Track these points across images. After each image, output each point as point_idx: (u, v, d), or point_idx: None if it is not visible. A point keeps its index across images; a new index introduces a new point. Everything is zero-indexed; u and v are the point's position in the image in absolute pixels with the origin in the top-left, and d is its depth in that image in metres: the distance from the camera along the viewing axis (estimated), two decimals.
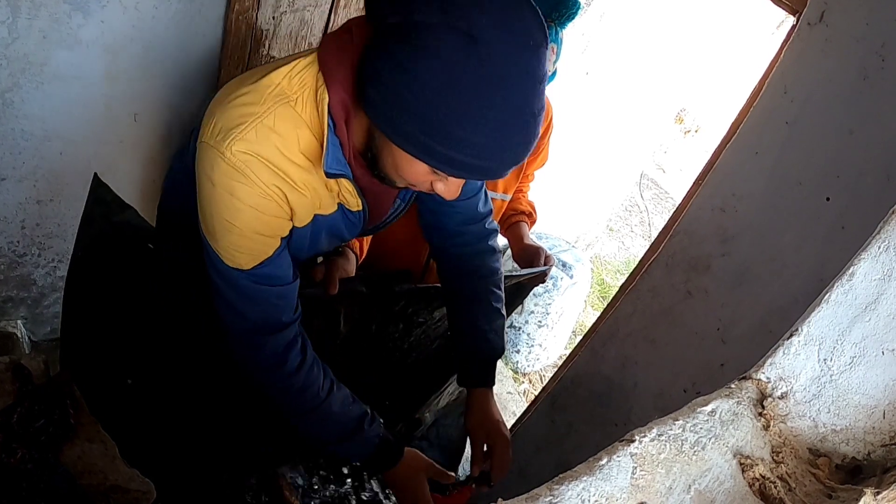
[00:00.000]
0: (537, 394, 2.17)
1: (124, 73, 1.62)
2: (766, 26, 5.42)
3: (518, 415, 2.29)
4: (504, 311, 1.41)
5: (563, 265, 3.37)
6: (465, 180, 0.98)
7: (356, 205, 1.10)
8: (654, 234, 1.98)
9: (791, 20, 1.47)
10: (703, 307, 1.61)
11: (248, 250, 1.00)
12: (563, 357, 3.26)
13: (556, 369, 2.23)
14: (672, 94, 4.28)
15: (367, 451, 1.19)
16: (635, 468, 0.65)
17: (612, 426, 1.81)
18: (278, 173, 0.96)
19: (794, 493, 0.72)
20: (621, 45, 3.48)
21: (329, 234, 1.14)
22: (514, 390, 3.38)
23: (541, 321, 3.45)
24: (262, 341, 1.07)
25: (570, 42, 3.05)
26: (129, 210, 1.10)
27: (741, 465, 0.73)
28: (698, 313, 1.62)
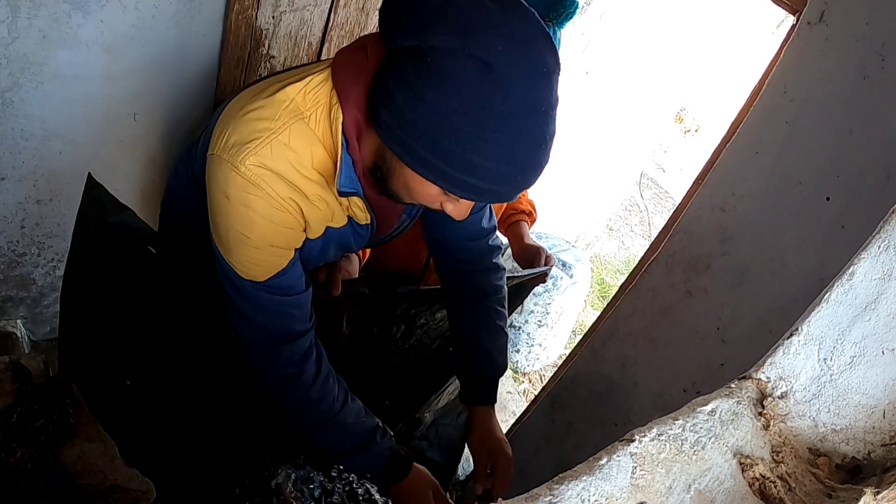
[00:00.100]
0: (537, 393, 2.17)
1: (124, 73, 1.62)
2: (765, 26, 5.42)
3: (518, 414, 2.29)
4: (507, 329, 1.42)
5: (563, 265, 3.37)
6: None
7: (365, 218, 1.11)
8: (654, 234, 1.98)
9: (791, 20, 1.47)
10: (703, 307, 1.61)
11: (262, 263, 1.01)
12: (563, 357, 3.26)
13: (555, 369, 2.23)
14: (672, 93, 4.27)
15: (379, 463, 1.19)
16: (635, 468, 0.64)
17: (612, 426, 1.81)
18: (293, 186, 0.96)
19: (794, 492, 0.72)
20: (621, 45, 3.47)
21: (337, 246, 1.14)
22: (513, 390, 3.38)
23: (541, 321, 3.45)
24: (278, 351, 1.07)
25: (569, 42, 3.05)
26: (127, 211, 1.09)
27: (741, 464, 0.73)
28: (698, 313, 1.62)
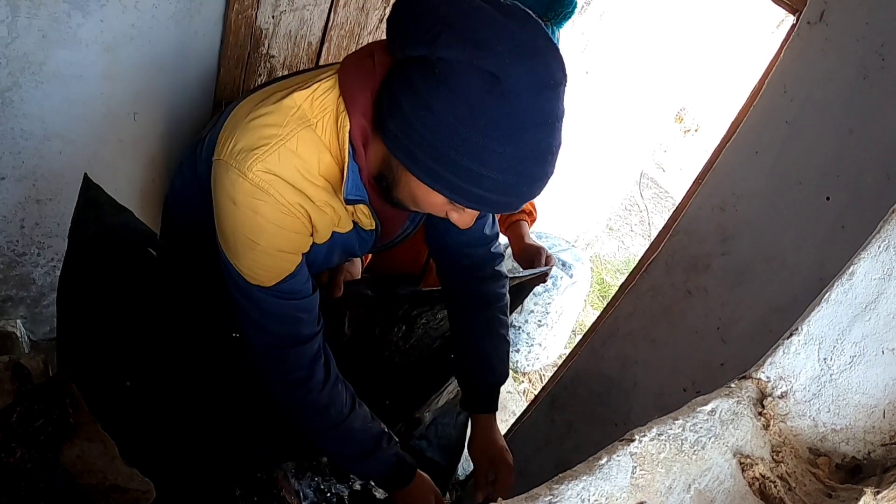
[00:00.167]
0: (537, 393, 2.17)
1: (123, 73, 1.62)
2: (765, 25, 5.41)
3: (518, 414, 2.29)
4: (509, 336, 1.42)
5: (563, 264, 3.37)
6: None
7: (369, 224, 1.11)
8: (654, 234, 1.98)
9: (791, 19, 1.47)
10: (703, 306, 1.61)
11: (270, 268, 1.01)
12: (563, 356, 3.26)
13: (555, 368, 2.23)
14: (672, 93, 4.27)
15: (385, 469, 1.19)
16: (635, 467, 0.64)
17: (612, 425, 1.80)
18: (301, 192, 0.97)
19: (794, 492, 0.72)
20: (621, 45, 3.47)
21: (342, 251, 1.14)
22: (513, 390, 3.38)
23: (540, 320, 3.45)
24: (286, 355, 1.07)
25: (569, 41, 3.05)
26: (126, 213, 1.08)
27: (741, 464, 0.73)
28: (698, 312, 1.62)
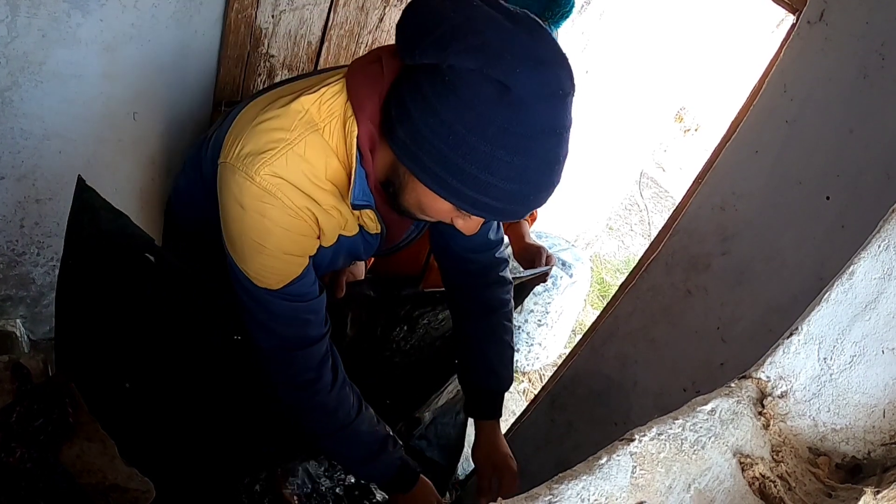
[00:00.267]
0: (537, 393, 2.17)
1: (123, 72, 1.62)
2: (765, 25, 5.41)
3: (518, 414, 2.29)
4: (513, 343, 1.43)
5: (563, 264, 3.37)
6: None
7: (375, 228, 1.11)
8: (654, 233, 1.98)
9: (791, 19, 1.47)
10: (703, 306, 1.61)
11: (277, 271, 1.01)
12: (563, 356, 3.25)
13: (555, 368, 2.23)
14: (672, 92, 4.27)
15: (389, 473, 1.20)
16: (635, 467, 0.64)
17: (612, 425, 1.80)
18: (308, 196, 0.97)
19: (794, 492, 0.72)
20: (621, 44, 3.47)
21: (347, 254, 1.15)
22: (513, 389, 3.38)
23: (540, 320, 3.45)
24: (294, 357, 1.07)
25: (569, 41, 3.05)
26: (122, 218, 1.07)
27: (741, 464, 0.73)
28: (698, 312, 1.62)
